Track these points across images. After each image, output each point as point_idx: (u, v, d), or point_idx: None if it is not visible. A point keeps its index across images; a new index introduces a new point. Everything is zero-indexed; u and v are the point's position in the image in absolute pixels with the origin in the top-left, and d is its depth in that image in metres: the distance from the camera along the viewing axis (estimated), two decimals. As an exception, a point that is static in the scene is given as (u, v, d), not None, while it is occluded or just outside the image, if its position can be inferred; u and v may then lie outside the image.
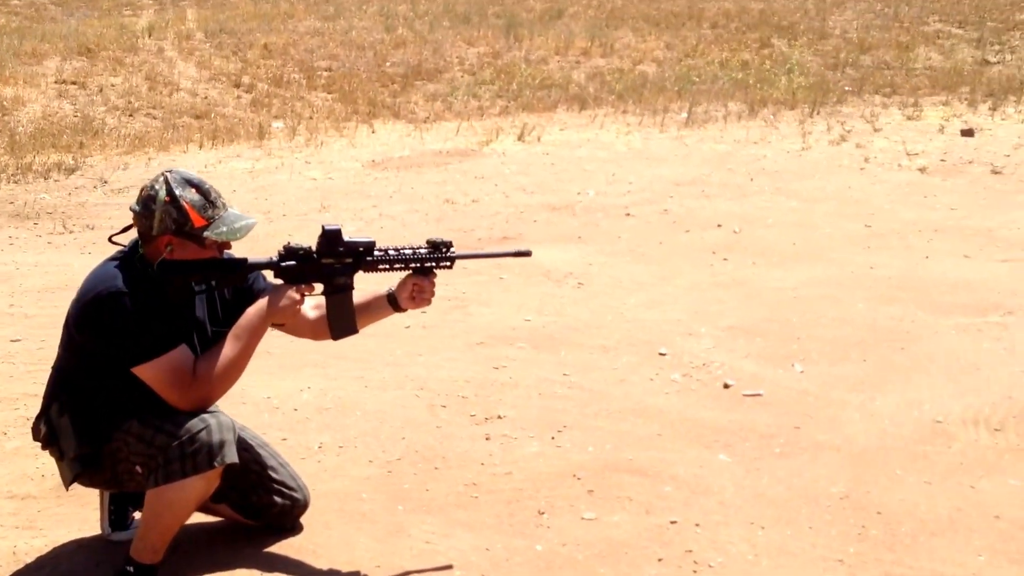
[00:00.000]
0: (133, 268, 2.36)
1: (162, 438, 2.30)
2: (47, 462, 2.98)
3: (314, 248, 2.45)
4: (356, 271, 2.48)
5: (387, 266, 2.50)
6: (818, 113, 9.87)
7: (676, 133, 9.18)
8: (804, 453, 3.17)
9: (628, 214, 6.42)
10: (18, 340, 4.22)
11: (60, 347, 2.46)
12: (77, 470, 2.39)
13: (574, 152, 8.45)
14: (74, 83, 10.62)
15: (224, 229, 2.37)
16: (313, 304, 2.59)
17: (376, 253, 2.48)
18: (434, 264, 2.52)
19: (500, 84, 11.76)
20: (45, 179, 7.53)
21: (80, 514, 2.76)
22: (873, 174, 7.40)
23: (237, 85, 11.33)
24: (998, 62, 12.40)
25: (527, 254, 2.64)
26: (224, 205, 2.40)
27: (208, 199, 2.36)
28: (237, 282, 2.47)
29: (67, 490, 2.50)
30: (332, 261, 2.45)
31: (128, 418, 2.34)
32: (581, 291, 4.93)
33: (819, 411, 3.48)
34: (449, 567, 2.54)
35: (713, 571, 2.54)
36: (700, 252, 5.54)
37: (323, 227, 2.47)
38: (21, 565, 2.54)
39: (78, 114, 9.67)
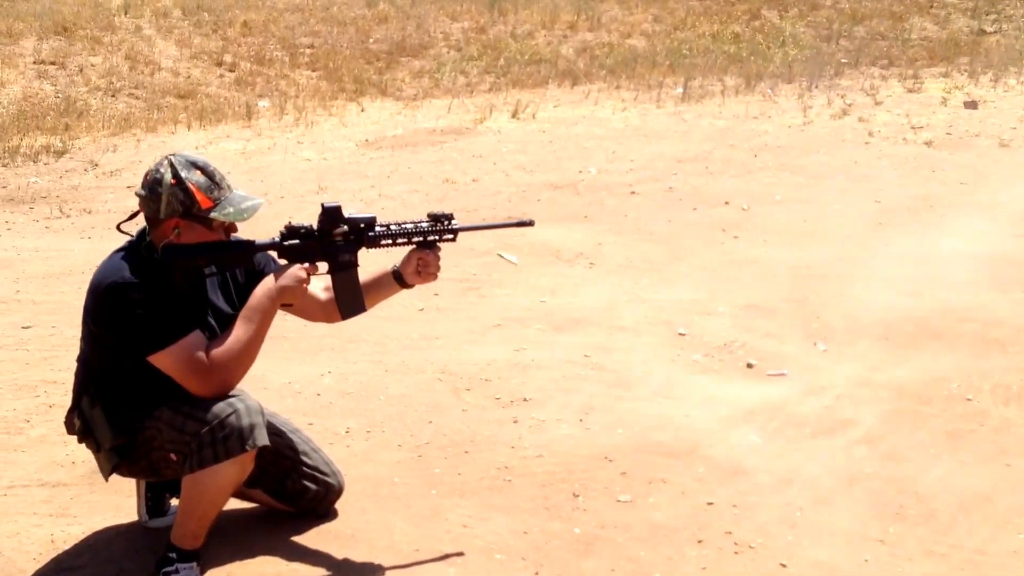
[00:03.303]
0: (140, 256, 2.33)
1: (193, 424, 2.28)
2: (76, 449, 2.94)
3: (316, 226, 2.43)
4: (359, 247, 2.47)
5: (390, 241, 2.48)
6: (817, 87, 9.86)
7: (673, 109, 9.14)
8: (835, 433, 3.17)
9: (633, 192, 6.39)
10: (29, 327, 4.15)
11: (81, 339, 2.43)
12: (115, 461, 2.38)
13: (571, 129, 8.39)
14: (53, 63, 10.41)
15: (231, 210, 2.34)
16: (323, 286, 2.58)
17: (378, 228, 2.46)
18: (437, 237, 2.50)
19: (487, 60, 11.65)
20: (34, 162, 7.40)
21: (114, 501, 2.74)
22: (878, 148, 7.41)
23: (219, 64, 11.15)
24: (995, 32, 12.42)
25: (530, 224, 2.61)
26: (229, 186, 2.38)
27: (213, 180, 2.34)
28: (244, 263, 2.46)
29: (107, 481, 2.47)
30: (335, 238, 2.43)
31: (158, 406, 2.32)
32: (593, 271, 4.90)
33: (846, 391, 3.48)
34: (489, 551, 2.52)
35: (754, 552, 2.54)
36: (709, 230, 5.53)
37: (323, 205, 2.45)
38: (59, 552, 2.52)
39: (59, 95, 9.48)
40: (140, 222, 2.39)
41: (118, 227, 2.44)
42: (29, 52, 10.57)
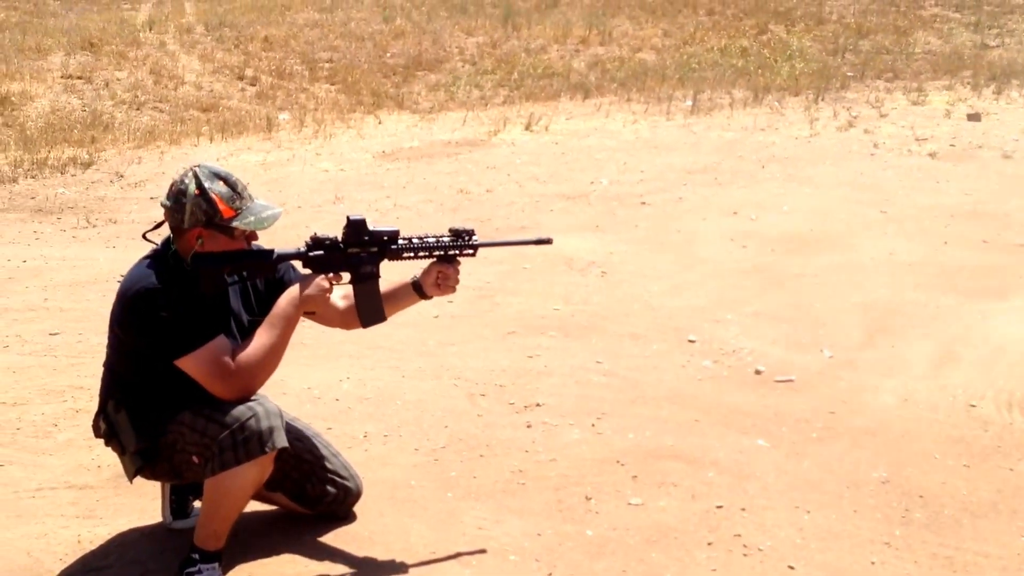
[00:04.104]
0: (166, 264, 2.40)
1: (214, 428, 2.35)
2: (102, 453, 3.02)
3: (340, 238, 2.50)
4: (382, 260, 2.53)
5: (412, 254, 2.54)
6: (823, 99, 9.94)
7: (683, 121, 9.22)
8: (842, 438, 3.23)
9: (643, 203, 6.48)
10: (57, 334, 4.25)
11: (108, 346, 2.50)
12: (139, 464, 2.44)
13: (583, 141, 8.48)
14: (80, 77, 10.61)
15: (252, 219, 2.40)
16: (342, 294, 2.64)
17: (400, 242, 2.52)
18: (457, 252, 2.57)
19: (501, 74, 11.77)
20: (62, 174, 7.55)
21: (139, 503, 2.81)
22: (883, 160, 7.48)
23: (241, 78, 11.31)
24: (998, 45, 12.48)
25: (548, 242, 2.68)
26: (251, 196, 2.44)
27: (235, 191, 2.40)
28: (268, 272, 2.52)
29: (131, 483, 2.54)
30: (358, 250, 2.50)
31: (180, 410, 2.38)
32: (605, 280, 4.98)
33: (852, 396, 3.54)
34: (504, 553, 2.58)
35: (763, 554, 2.59)
36: (718, 239, 5.60)
37: (348, 217, 2.51)
38: (86, 552, 2.59)
39: (86, 108, 9.65)
40: (165, 231, 2.46)
41: (144, 235, 2.51)
42: (57, 67, 10.78)
